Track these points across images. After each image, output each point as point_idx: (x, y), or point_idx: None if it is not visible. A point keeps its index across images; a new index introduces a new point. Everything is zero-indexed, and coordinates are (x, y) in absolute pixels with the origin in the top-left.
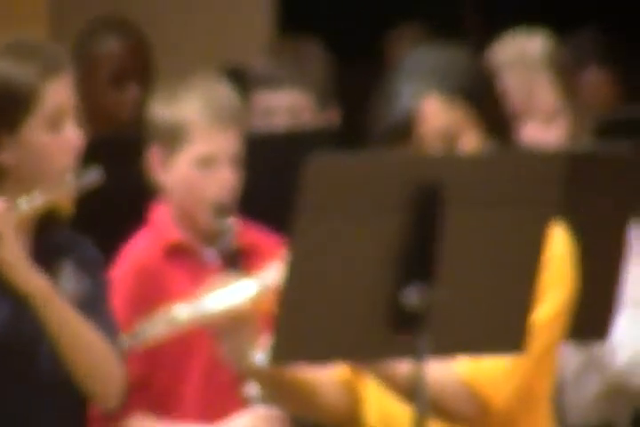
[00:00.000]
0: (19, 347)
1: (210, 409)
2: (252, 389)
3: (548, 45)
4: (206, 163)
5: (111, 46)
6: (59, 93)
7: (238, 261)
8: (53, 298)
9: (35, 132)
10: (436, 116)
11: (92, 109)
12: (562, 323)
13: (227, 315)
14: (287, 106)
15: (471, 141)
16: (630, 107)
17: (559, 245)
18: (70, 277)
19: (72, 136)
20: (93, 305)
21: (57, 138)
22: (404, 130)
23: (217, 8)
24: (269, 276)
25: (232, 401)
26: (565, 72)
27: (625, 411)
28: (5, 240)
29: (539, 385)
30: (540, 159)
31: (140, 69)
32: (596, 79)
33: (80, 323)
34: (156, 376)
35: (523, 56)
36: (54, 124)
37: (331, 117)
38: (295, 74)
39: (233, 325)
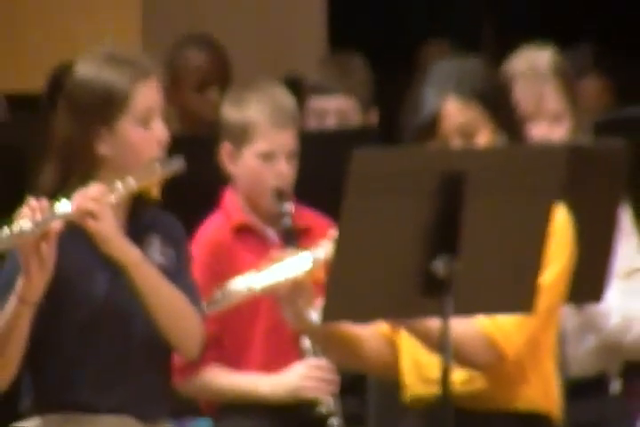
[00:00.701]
0: (116, 309)
1: (272, 362)
2: (307, 343)
3: (555, 58)
4: (267, 157)
5: (196, 58)
6: (148, 96)
7: (295, 238)
8: (144, 267)
9: (128, 128)
10: (455, 115)
11: (180, 111)
12: (563, 286)
13: (287, 284)
14: (336, 109)
15: (485, 137)
16: (622, 109)
17: (561, 223)
18: (158, 251)
19: (159, 131)
20: (177, 274)
21: (146, 133)
22: (429, 127)
23: (280, 28)
24: (321, 251)
25: (291, 355)
26: (569, 81)
27: (616, 364)
28: (103, 218)
29: (545, 338)
30: (546, 152)
31: (220, 77)
32: (593, 86)
33: (167, 288)
34: (226, 335)
35: (533, 67)
36: (144, 121)
37: (371, 119)
38: (343, 82)
39: (292, 291)
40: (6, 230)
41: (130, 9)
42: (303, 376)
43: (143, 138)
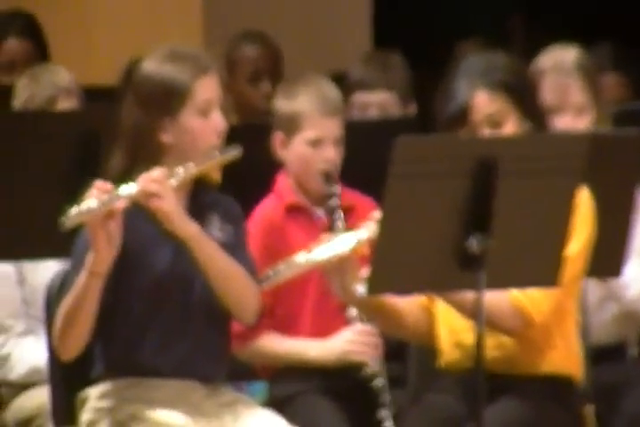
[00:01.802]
0: (179, 280)
1: (321, 329)
2: (353, 312)
3: (579, 56)
4: (315, 143)
5: (250, 52)
6: (207, 89)
7: (341, 217)
8: (204, 241)
9: (189, 118)
10: (484, 106)
11: (235, 101)
12: (585, 258)
13: (334, 260)
14: (377, 103)
15: (512, 126)
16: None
17: (584, 204)
18: (217, 227)
19: (218, 121)
20: (235, 248)
21: (206, 122)
22: (460, 117)
23: (327, 27)
24: (365, 230)
25: (338, 323)
26: (592, 76)
27: (634, 331)
28: (166, 198)
29: (568, 305)
30: (569, 139)
31: (272, 71)
32: (612, 81)
33: (225, 260)
34: (279, 305)
35: (560, 64)
36: (204, 111)
37: (410, 111)
38: (384, 78)
39: (339, 267)
40: (75, 209)
41: (191, 8)
42: (350, 341)
43: (203, 127)
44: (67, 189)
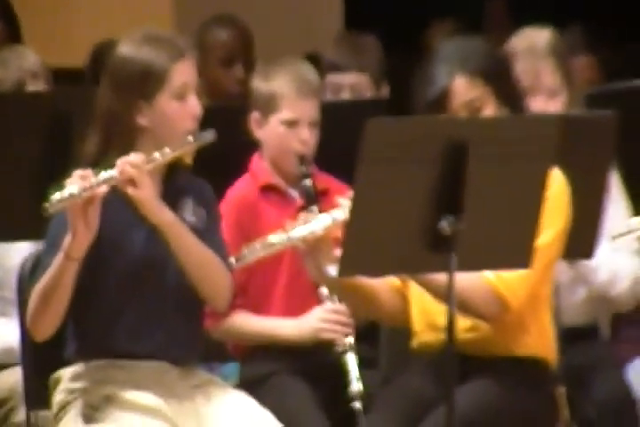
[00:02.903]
0: (152, 264)
1: (293, 308)
2: (325, 291)
3: (552, 38)
4: (291, 124)
5: (221, 36)
6: (183, 73)
7: (314, 197)
8: (178, 226)
9: (165, 102)
10: (462, 92)
11: (207, 85)
12: (560, 244)
13: (309, 239)
14: (350, 84)
15: (490, 112)
16: (609, 83)
17: (558, 187)
18: (190, 211)
19: (193, 105)
20: (208, 232)
21: (182, 106)
22: (439, 102)
23: (300, 10)
24: (338, 211)
25: (311, 302)
26: (564, 59)
27: (605, 314)
28: (141, 184)
29: (542, 291)
30: (540, 121)
31: (244, 54)
32: (584, 64)
33: (198, 245)
34: (252, 284)
35: (533, 46)
36: (180, 95)
37: (382, 93)
38: (357, 60)
39: (312, 247)
40: (57, 195)
41: None
42: (321, 319)
43: (179, 111)
44: (38, 171)
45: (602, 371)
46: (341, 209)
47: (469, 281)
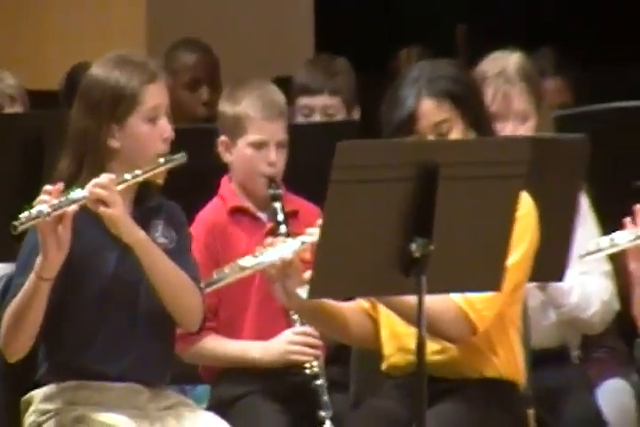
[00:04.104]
0: (124, 285)
1: (264, 331)
2: (295, 316)
3: (522, 62)
4: (259, 146)
5: (187, 60)
6: (155, 95)
7: (284, 221)
8: (150, 247)
9: (137, 124)
10: (430, 114)
11: (173, 109)
12: (528, 266)
13: (278, 264)
14: (322, 107)
15: (458, 134)
16: (580, 106)
17: (526, 210)
18: (161, 233)
19: (165, 127)
20: (179, 254)
21: (153, 129)
22: (406, 126)
23: (270, 31)
24: (308, 235)
25: (281, 325)
26: (535, 83)
27: (576, 336)
28: (113, 203)
29: (510, 313)
30: (511, 143)
31: (209, 77)
32: (554, 86)
33: (170, 266)
34: (222, 307)
35: (502, 71)
36: (151, 118)
37: (354, 115)
38: (328, 82)
39: (281, 271)
40: (26, 213)
41: (135, 17)
42: (290, 341)
43: (150, 134)
44: (10, 193)
45: (572, 393)
46: (310, 233)
47: (436, 303)
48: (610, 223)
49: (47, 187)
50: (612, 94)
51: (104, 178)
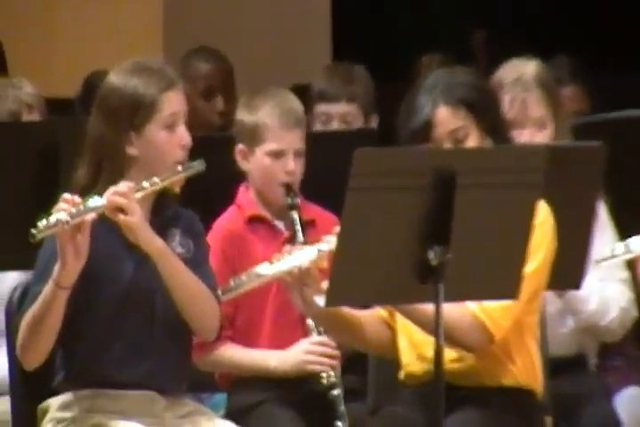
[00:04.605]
0: (141, 293)
1: (280, 340)
2: (312, 324)
3: (539, 70)
4: (277, 155)
5: (202, 68)
6: (173, 103)
7: (302, 230)
8: (168, 255)
9: (155, 132)
10: (446, 122)
11: (189, 116)
12: (545, 274)
13: (295, 272)
14: (340, 114)
15: (474, 142)
16: (596, 114)
17: (543, 217)
18: (178, 242)
19: (183, 135)
20: (196, 263)
21: (171, 136)
22: (423, 133)
23: (287, 39)
24: (325, 243)
25: (297, 333)
26: (552, 90)
27: (593, 344)
28: (131, 211)
29: (528, 321)
30: (528, 152)
31: (224, 86)
32: (571, 94)
33: (188, 275)
34: (239, 316)
35: (520, 78)
36: (169, 125)
37: (372, 123)
38: (346, 90)
39: (299, 279)
40: (44, 221)
41: (152, 23)
42: (307, 351)
43: (168, 141)
44: (27, 201)
45: (590, 401)
46: (327, 241)
47: (453, 311)
48: (628, 231)
49: (66, 195)
50: (627, 102)
51: (123, 186)
